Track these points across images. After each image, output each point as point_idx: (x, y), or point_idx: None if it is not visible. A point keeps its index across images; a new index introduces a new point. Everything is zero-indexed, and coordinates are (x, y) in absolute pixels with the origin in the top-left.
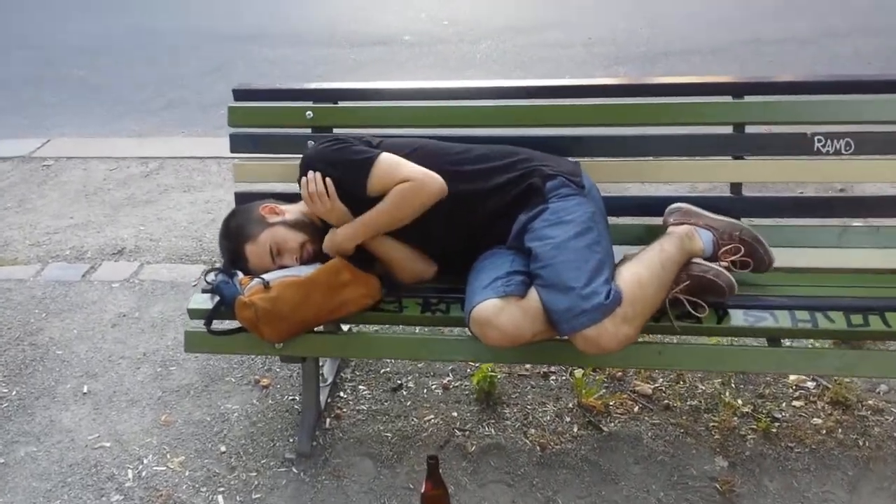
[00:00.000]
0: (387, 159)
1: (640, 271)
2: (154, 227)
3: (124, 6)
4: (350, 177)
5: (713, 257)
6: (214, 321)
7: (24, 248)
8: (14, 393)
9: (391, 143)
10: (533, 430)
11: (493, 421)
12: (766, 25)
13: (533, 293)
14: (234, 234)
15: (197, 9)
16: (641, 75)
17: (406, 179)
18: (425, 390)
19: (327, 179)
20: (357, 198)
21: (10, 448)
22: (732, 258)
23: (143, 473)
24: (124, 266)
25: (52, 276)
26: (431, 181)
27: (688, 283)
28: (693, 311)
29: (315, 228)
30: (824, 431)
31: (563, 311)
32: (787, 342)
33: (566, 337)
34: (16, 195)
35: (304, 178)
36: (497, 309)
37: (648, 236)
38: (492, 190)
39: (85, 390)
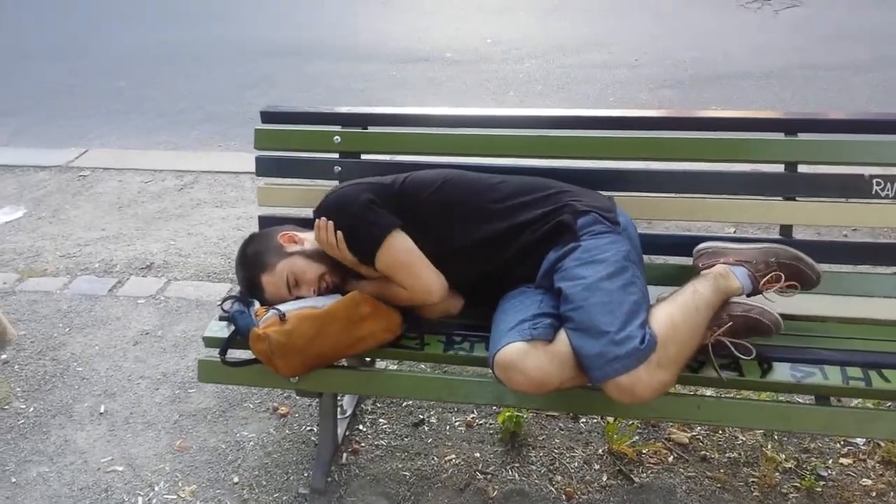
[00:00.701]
0: (393, 247)
1: (673, 312)
2: (184, 242)
3: (168, 18)
4: (358, 245)
5: (755, 292)
6: (230, 350)
7: (55, 259)
8: (32, 409)
9: (417, 179)
10: (559, 477)
11: (517, 464)
12: (822, 50)
13: (562, 337)
14: (251, 263)
15: (241, 22)
16: (688, 100)
17: (404, 287)
18: (448, 427)
19: (338, 232)
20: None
21: (22, 467)
22: (776, 286)
23: (154, 501)
24: (151, 282)
25: (80, 289)
26: (427, 295)
27: (730, 324)
28: (738, 354)
29: (334, 259)
30: (874, 494)
31: (595, 357)
32: (836, 400)
33: (598, 385)
34: (51, 205)
35: (317, 221)
36: (522, 353)
37: (688, 277)
38: (520, 226)
39: (102, 410)
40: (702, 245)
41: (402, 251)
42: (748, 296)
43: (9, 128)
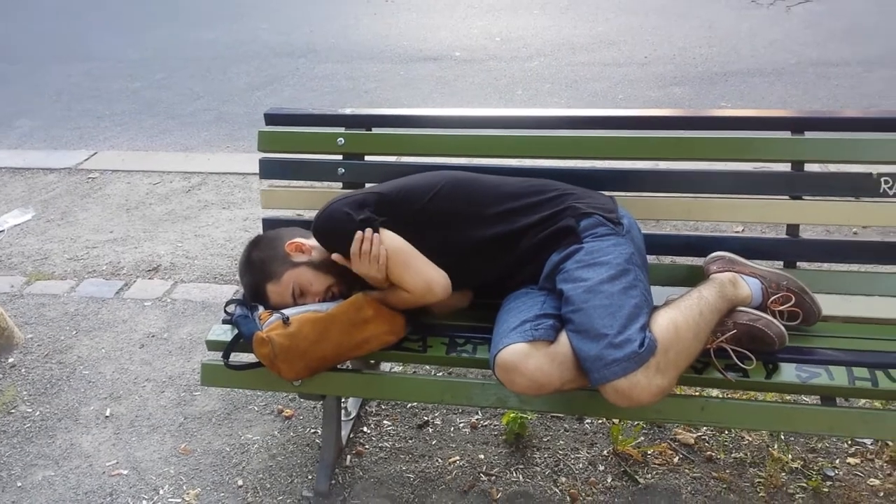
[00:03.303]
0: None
1: (676, 317)
2: (191, 244)
3: (179, 20)
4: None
5: (762, 306)
6: (233, 353)
7: (63, 262)
8: (38, 413)
9: (414, 185)
10: (564, 479)
11: (521, 466)
12: (835, 46)
13: (563, 338)
14: (257, 270)
15: (251, 24)
16: (698, 98)
17: (404, 287)
18: (452, 429)
19: (383, 249)
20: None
21: (28, 471)
22: (782, 307)
23: None
24: (158, 284)
25: (87, 292)
26: (428, 291)
27: (734, 332)
28: (739, 363)
29: (342, 270)
30: (882, 494)
31: (594, 360)
32: (842, 401)
33: (596, 388)
34: (59, 207)
35: (361, 234)
36: (524, 354)
37: (695, 278)
38: (522, 230)
39: (107, 413)
40: (717, 252)
41: (393, 246)
42: (754, 308)
43: (23, 129)
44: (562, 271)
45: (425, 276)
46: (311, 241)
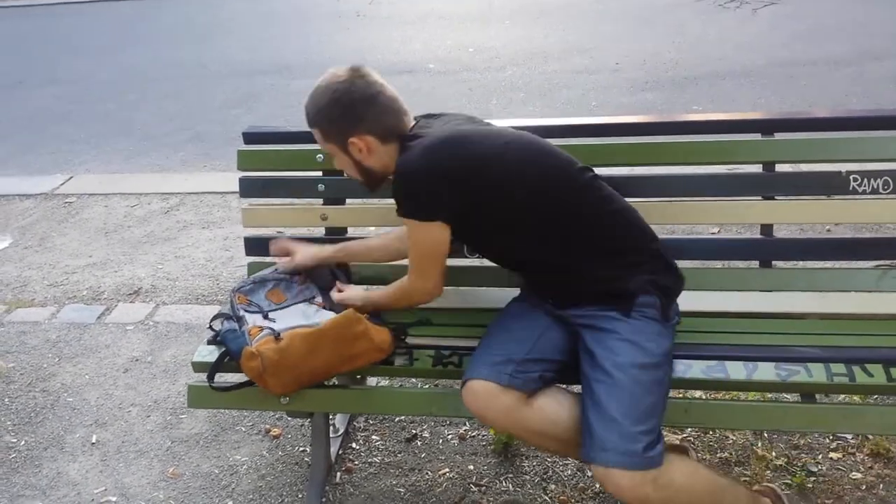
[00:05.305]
0: (428, 234)
1: (713, 477)
2: (172, 266)
3: (152, 40)
4: (407, 204)
5: None
6: (221, 373)
7: (42, 288)
8: (23, 443)
9: (511, 169)
10: (553, 486)
11: (511, 475)
12: (801, 46)
13: (539, 403)
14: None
15: (224, 42)
16: (668, 102)
17: (411, 273)
18: (441, 441)
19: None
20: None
21: (15, 502)
22: None
23: None
24: (139, 307)
25: (68, 318)
26: (425, 296)
27: None
28: None
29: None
30: (864, 487)
31: (598, 437)
32: (822, 397)
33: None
34: (37, 233)
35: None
36: (489, 395)
37: None
38: (588, 270)
39: (94, 440)
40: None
41: (432, 242)
42: None
43: None
44: (595, 328)
45: (430, 283)
46: (369, 140)
